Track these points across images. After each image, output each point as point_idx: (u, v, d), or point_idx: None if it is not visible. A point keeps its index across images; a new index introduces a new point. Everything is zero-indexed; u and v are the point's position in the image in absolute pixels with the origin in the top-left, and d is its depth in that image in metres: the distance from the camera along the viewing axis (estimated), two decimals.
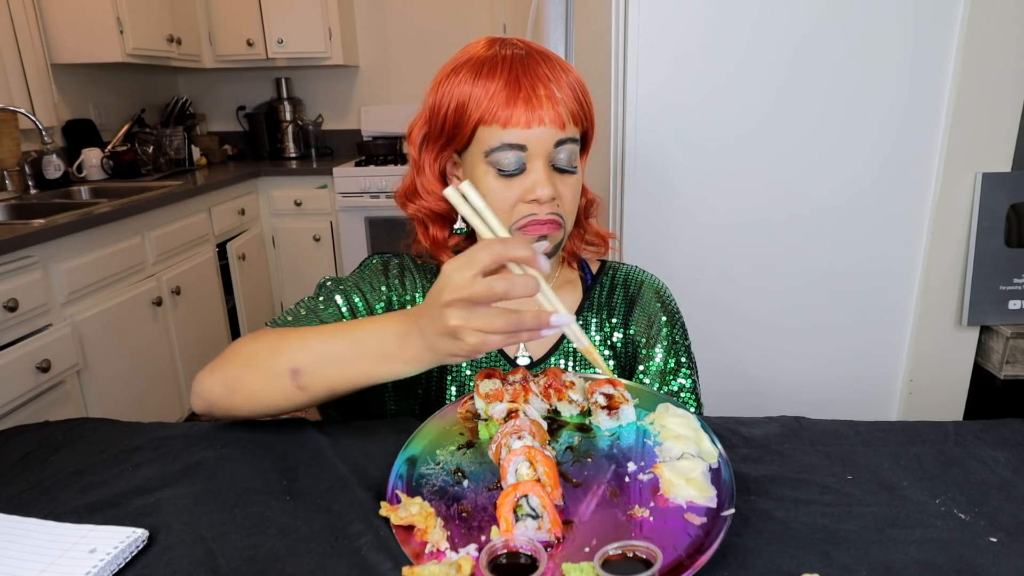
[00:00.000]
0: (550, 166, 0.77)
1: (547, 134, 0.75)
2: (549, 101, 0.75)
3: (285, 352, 0.70)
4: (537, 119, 0.74)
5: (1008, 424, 0.76)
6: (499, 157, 0.76)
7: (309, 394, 0.69)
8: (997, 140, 1.23)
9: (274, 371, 0.69)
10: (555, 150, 0.77)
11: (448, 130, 0.79)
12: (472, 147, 0.78)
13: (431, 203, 0.84)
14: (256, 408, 0.73)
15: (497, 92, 0.74)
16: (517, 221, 0.78)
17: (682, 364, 0.89)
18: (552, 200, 0.77)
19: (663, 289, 0.93)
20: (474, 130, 0.77)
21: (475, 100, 0.75)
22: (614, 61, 1.27)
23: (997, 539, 0.57)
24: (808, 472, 0.67)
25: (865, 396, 1.40)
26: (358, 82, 3.83)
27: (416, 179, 0.85)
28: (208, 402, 0.74)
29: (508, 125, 0.74)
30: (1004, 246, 1.27)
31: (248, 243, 3.14)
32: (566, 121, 0.76)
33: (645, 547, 0.51)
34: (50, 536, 0.58)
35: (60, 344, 1.87)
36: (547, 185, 0.75)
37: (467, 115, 0.76)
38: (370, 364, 0.66)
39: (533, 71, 0.75)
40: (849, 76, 1.22)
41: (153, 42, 2.94)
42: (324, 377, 0.68)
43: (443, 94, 0.78)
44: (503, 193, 0.77)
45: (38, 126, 2.42)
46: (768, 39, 1.21)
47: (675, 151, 1.28)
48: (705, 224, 1.31)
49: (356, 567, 0.54)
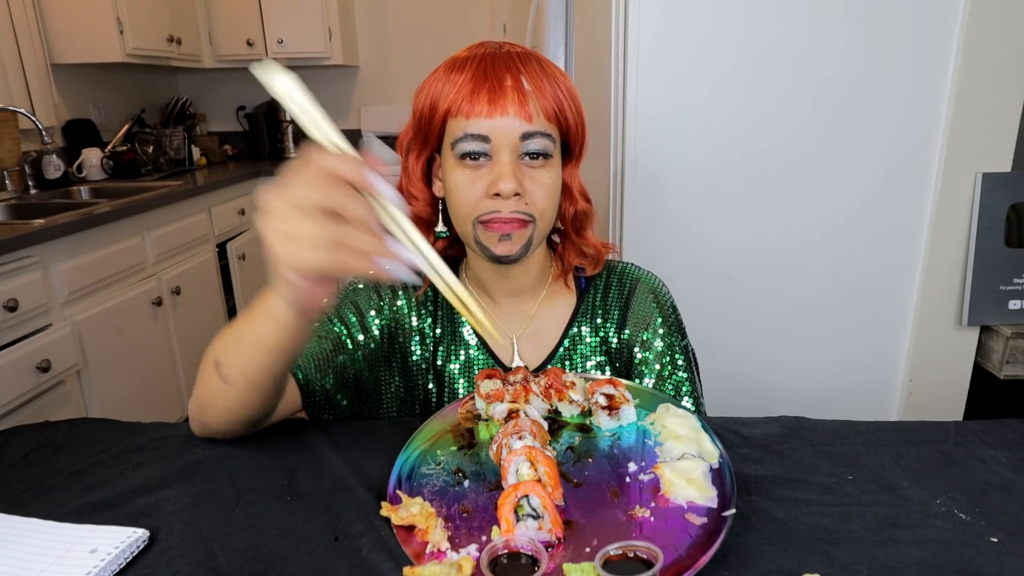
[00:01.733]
0: (518, 160, 0.76)
1: (511, 124, 0.74)
2: (515, 91, 0.74)
3: (210, 350, 0.68)
4: (500, 109, 0.73)
5: (1008, 424, 0.76)
6: (462, 147, 0.75)
7: (232, 385, 0.66)
8: (997, 140, 1.23)
9: (206, 372, 0.68)
10: (522, 143, 0.75)
11: (425, 128, 0.79)
12: (444, 142, 0.78)
13: (417, 207, 0.84)
14: (217, 418, 0.71)
15: (463, 84, 0.74)
16: (480, 216, 0.76)
17: (679, 365, 0.87)
18: (516, 196, 0.75)
19: (659, 287, 0.91)
20: (443, 124, 0.77)
21: (444, 94, 0.76)
22: (614, 65, 1.27)
23: (997, 539, 0.57)
24: (808, 472, 0.67)
25: (865, 396, 1.40)
26: (358, 82, 3.83)
27: (404, 183, 0.85)
28: (201, 424, 0.73)
29: (471, 116, 0.74)
30: (1004, 246, 1.27)
31: (248, 243, 3.13)
32: (534, 115, 0.75)
33: (646, 547, 0.51)
34: (50, 536, 0.58)
35: (60, 344, 1.87)
36: (510, 179, 0.73)
37: (437, 110, 0.77)
38: (256, 331, 0.61)
39: (503, 64, 0.75)
40: (849, 77, 1.22)
41: (153, 42, 2.94)
42: (236, 364, 0.65)
43: (422, 95, 0.79)
44: (468, 187, 0.76)
45: (38, 126, 2.42)
46: (768, 42, 1.21)
47: (675, 155, 1.28)
48: (705, 225, 1.31)
49: (357, 567, 0.54)
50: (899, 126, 1.24)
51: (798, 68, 1.22)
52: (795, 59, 1.21)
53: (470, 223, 0.77)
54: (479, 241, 0.78)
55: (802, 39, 1.20)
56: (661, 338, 0.87)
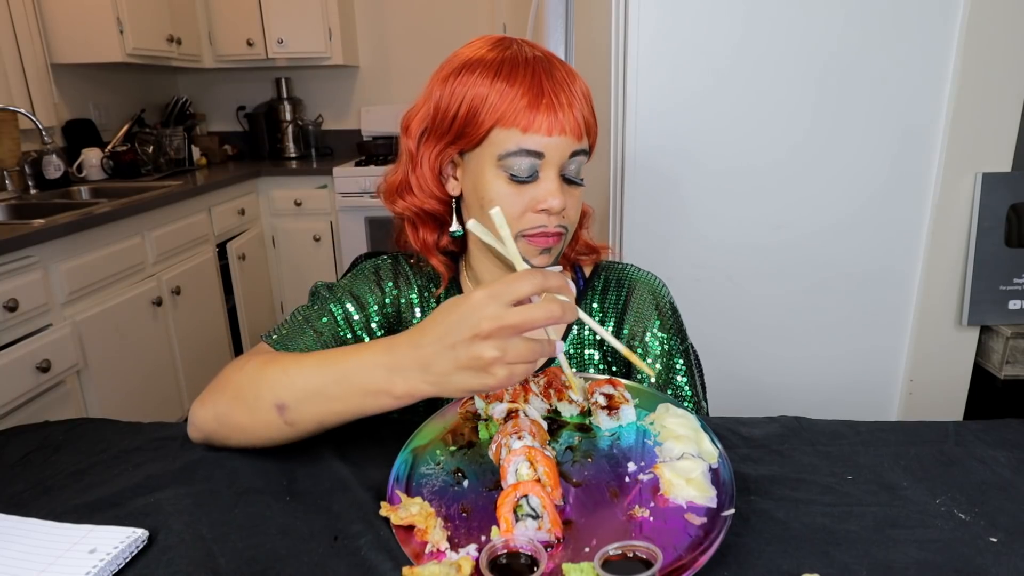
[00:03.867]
0: (560, 176, 0.76)
1: (565, 144, 0.74)
2: (570, 109, 0.73)
3: (267, 386, 0.66)
4: (559, 127, 0.72)
5: (1008, 424, 0.76)
6: (514, 162, 0.73)
7: (298, 429, 0.66)
8: (997, 140, 1.23)
9: (260, 406, 0.66)
10: (568, 160, 0.75)
11: (457, 128, 0.75)
12: (483, 148, 0.75)
13: (423, 201, 0.81)
14: (249, 441, 0.70)
15: (519, 95, 0.72)
16: (525, 230, 0.76)
17: (678, 369, 0.87)
18: (560, 212, 0.75)
19: (659, 288, 0.89)
20: (488, 131, 0.74)
21: (493, 101, 0.72)
22: (614, 63, 1.27)
23: (997, 539, 0.57)
24: (808, 472, 0.67)
25: (865, 396, 1.40)
26: (358, 82, 3.83)
27: (410, 174, 0.81)
28: (204, 433, 0.72)
29: (529, 130, 0.72)
30: (1004, 246, 1.27)
31: (248, 243, 3.13)
32: (583, 132, 0.75)
33: (645, 547, 0.51)
34: (50, 536, 0.58)
35: (60, 344, 1.87)
36: (559, 195, 0.74)
37: (482, 115, 0.73)
38: (357, 400, 0.62)
39: (556, 77, 0.74)
40: (849, 77, 1.21)
41: (153, 42, 2.94)
42: (311, 413, 0.65)
43: (454, 91, 0.75)
44: (512, 199, 0.75)
45: (38, 126, 2.42)
46: (767, 41, 1.21)
47: (675, 153, 1.28)
48: (705, 225, 1.31)
49: (356, 567, 0.54)
50: (899, 125, 1.24)
51: (798, 67, 1.22)
52: (795, 58, 1.21)
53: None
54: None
55: (802, 38, 1.20)
56: (660, 341, 0.86)
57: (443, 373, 0.56)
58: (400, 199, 0.83)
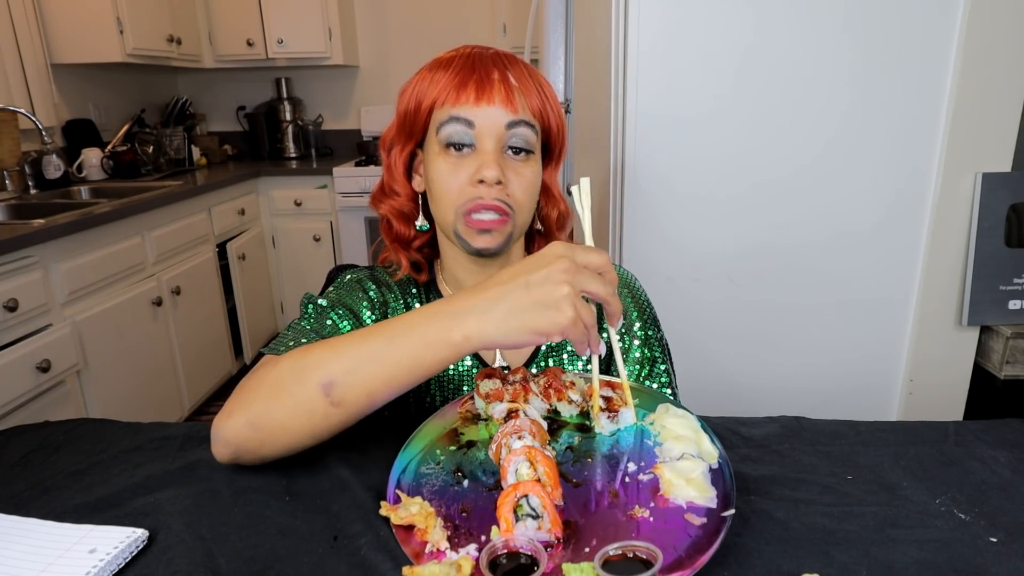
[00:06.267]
0: (502, 152, 0.77)
1: (497, 113, 0.75)
2: (501, 84, 0.75)
3: (314, 366, 0.63)
4: (487, 98, 0.75)
5: (1008, 424, 0.76)
6: (447, 130, 0.76)
7: (344, 409, 0.63)
8: (997, 140, 1.23)
9: (304, 392, 0.63)
10: (507, 132, 0.76)
11: (410, 124, 0.81)
12: (429, 135, 0.79)
13: (399, 202, 0.86)
14: (289, 440, 0.65)
15: (451, 77, 0.76)
16: (463, 205, 0.76)
17: (657, 358, 0.89)
18: (499, 184, 0.75)
19: (633, 282, 0.92)
20: (429, 115, 0.78)
21: (431, 88, 0.77)
22: (614, 64, 1.27)
23: (997, 539, 0.57)
24: (808, 472, 0.67)
25: (865, 396, 1.40)
26: (358, 82, 3.83)
27: (387, 179, 0.87)
28: (234, 446, 0.66)
29: (457, 103, 0.75)
30: (1004, 246, 1.27)
31: (248, 243, 3.13)
32: (520, 107, 0.76)
33: (645, 547, 0.51)
34: (50, 536, 0.58)
35: (60, 344, 1.87)
36: (494, 166, 0.74)
37: (424, 103, 0.78)
38: (412, 356, 0.60)
39: (489, 60, 0.77)
40: (849, 77, 1.21)
41: (153, 42, 2.94)
42: (361, 384, 0.62)
43: (406, 94, 0.81)
44: (451, 175, 0.76)
45: (38, 126, 2.42)
46: (767, 43, 1.21)
47: (675, 155, 1.28)
48: (705, 225, 1.31)
49: (356, 567, 0.54)
50: (899, 126, 1.24)
51: (798, 69, 1.22)
52: (795, 60, 1.21)
53: (452, 212, 0.77)
54: (459, 234, 0.78)
55: (802, 39, 1.20)
56: (638, 333, 0.89)
57: (511, 310, 0.57)
58: (382, 203, 0.88)
